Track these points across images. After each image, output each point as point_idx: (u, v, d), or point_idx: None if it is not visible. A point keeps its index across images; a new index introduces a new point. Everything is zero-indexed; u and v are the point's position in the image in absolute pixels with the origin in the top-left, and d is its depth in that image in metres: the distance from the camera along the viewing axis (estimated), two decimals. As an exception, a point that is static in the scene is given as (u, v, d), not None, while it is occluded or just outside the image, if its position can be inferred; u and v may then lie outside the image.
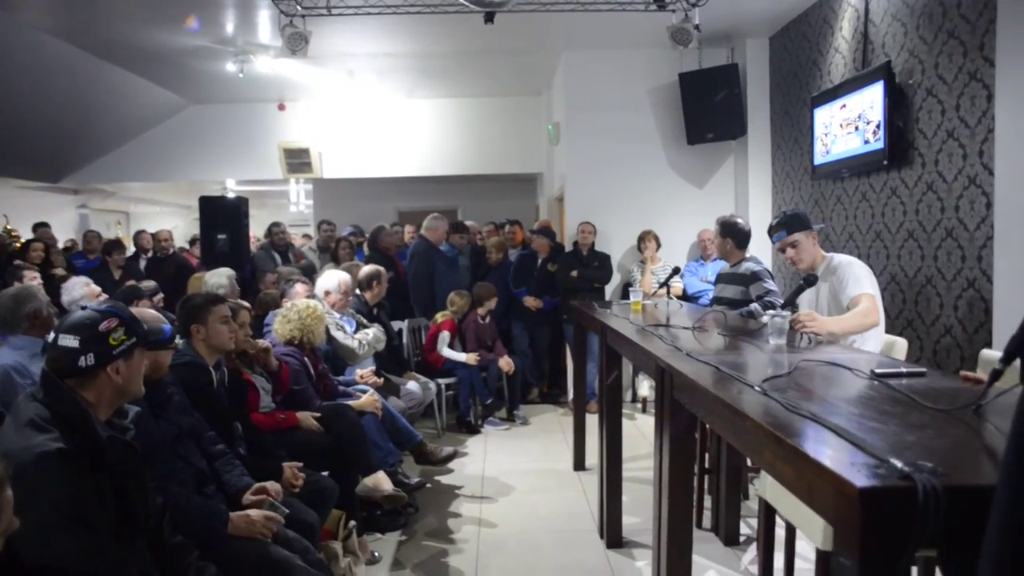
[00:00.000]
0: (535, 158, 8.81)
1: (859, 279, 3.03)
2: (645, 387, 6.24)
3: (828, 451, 1.23)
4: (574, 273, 6.26)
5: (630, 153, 6.71)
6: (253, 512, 2.24)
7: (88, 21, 5.69)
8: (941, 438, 1.33)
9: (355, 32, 6.04)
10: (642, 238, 6.39)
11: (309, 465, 2.94)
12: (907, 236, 4.33)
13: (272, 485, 2.46)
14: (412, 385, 5.08)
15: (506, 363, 5.92)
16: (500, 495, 4.31)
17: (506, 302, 6.57)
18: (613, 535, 3.53)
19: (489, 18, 5.06)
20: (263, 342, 3.47)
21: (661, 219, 6.61)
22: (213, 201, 7.12)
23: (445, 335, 5.82)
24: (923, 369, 1.99)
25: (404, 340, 6.04)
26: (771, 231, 3.40)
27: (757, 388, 1.74)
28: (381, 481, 3.42)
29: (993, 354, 2.34)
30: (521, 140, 8.78)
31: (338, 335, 4.43)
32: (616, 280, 6.66)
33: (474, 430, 5.74)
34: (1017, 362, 1.52)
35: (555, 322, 6.61)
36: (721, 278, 4.27)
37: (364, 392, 4.05)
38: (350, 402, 3.77)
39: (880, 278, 4.60)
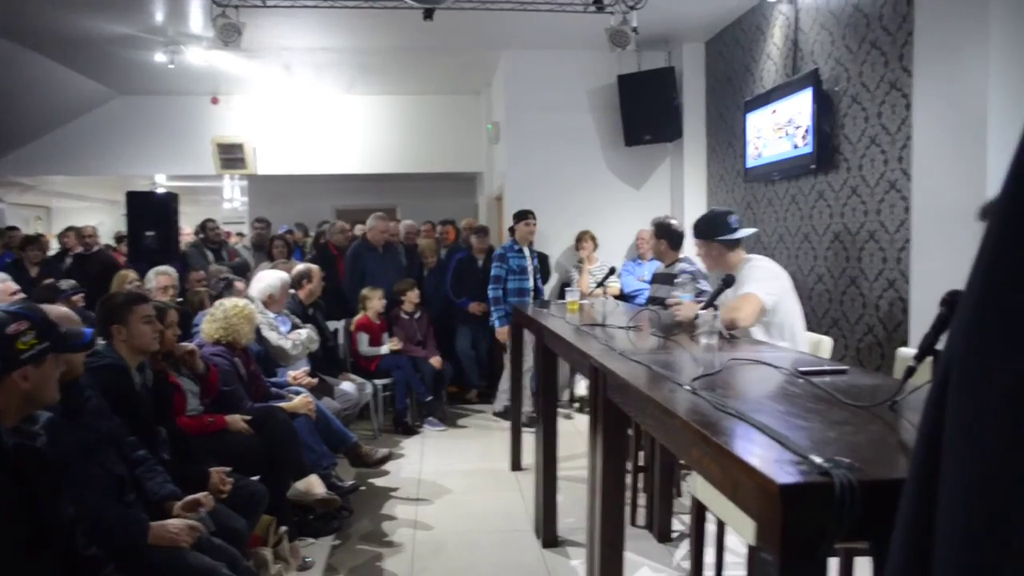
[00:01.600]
0: (475, 157, 8.79)
1: (750, 280, 3.03)
2: (582, 387, 6.29)
3: (753, 449, 1.25)
4: (512, 273, 6.26)
5: (569, 153, 6.76)
6: (174, 521, 2.15)
7: (4, 4, 5.41)
8: (860, 434, 1.37)
9: (292, 25, 5.91)
10: (580, 238, 6.44)
11: (239, 469, 2.85)
12: (833, 238, 4.49)
13: (206, 499, 2.37)
14: (347, 386, 5.00)
15: (435, 360, 5.90)
16: (437, 496, 4.28)
17: (444, 303, 6.54)
18: (549, 535, 3.54)
19: (428, 15, 5.03)
20: (188, 344, 3.35)
21: (599, 219, 6.68)
22: (141, 196, 6.87)
23: (363, 336, 5.76)
24: (845, 367, 2.05)
25: (340, 340, 5.95)
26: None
27: (687, 387, 1.76)
28: (313, 485, 3.35)
29: (908, 351, 2.44)
30: (461, 139, 8.75)
31: (271, 335, 4.32)
32: (554, 280, 6.70)
33: (411, 431, 5.69)
34: (929, 359, 1.58)
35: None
36: (656, 278, 4.34)
37: (298, 394, 3.97)
38: (282, 404, 3.68)
39: (808, 278, 4.76)
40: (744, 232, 3.32)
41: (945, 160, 3.33)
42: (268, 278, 4.52)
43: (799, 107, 4.67)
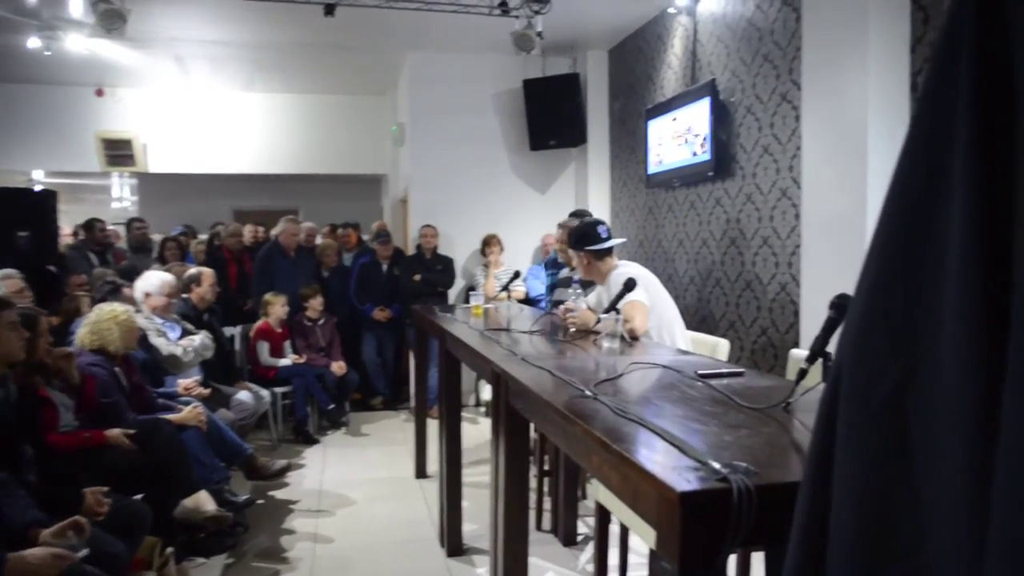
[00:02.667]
0: (380, 159, 8.63)
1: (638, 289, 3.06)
2: (488, 391, 6.26)
3: (652, 455, 1.24)
4: (417, 277, 6.18)
5: (474, 157, 6.73)
6: (36, 551, 1.96)
7: None
8: (756, 437, 1.39)
9: (184, 16, 5.61)
10: (486, 242, 6.42)
11: (119, 488, 2.64)
12: (729, 243, 4.64)
13: (80, 523, 2.17)
14: (243, 395, 4.77)
15: (338, 366, 5.74)
16: (338, 507, 4.14)
17: (348, 308, 6.38)
18: (453, 543, 3.48)
19: (329, 11, 4.89)
20: (65, 348, 3.10)
21: (504, 223, 6.68)
22: (13, 193, 6.34)
23: (263, 345, 5.54)
24: (742, 369, 2.10)
25: (237, 347, 5.69)
26: None
27: (588, 392, 1.75)
28: (203, 501, 3.16)
29: (801, 353, 2.52)
30: (365, 140, 8.57)
31: (159, 342, 4.07)
32: (460, 284, 6.65)
33: (312, 440, 5.49)
34: (820, 361, 1.62)
35: (400, 327, 6.50)
36: (556, 283, 4.37)
37: (188, 404, 3.74)
38: (170, 416, 3.46)
39: (706, 282, 4.90)
40: (613, 242, 3.37)
41: (830, 169, 3.49)
42: (147, 280, 4.26)
43: (698, 116, 4.81)
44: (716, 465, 1.13)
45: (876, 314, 0.78)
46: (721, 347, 3.01)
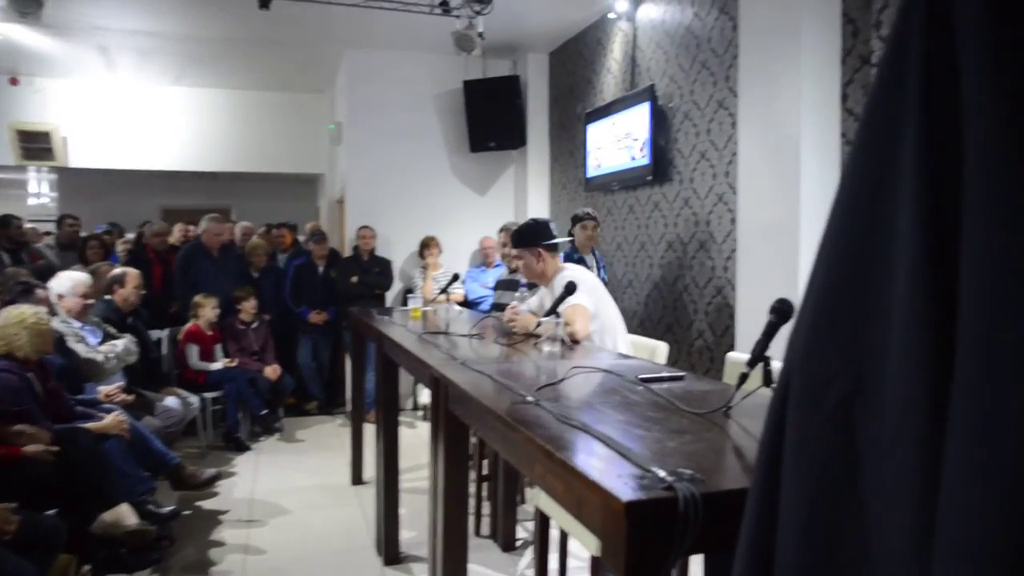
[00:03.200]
0: (316, 158, 8.44)
1: (575, 293, 2.99)
2: (426, 394, 6.18)
3: (596, 464, 1.21)
4: (354, 279, 6.07)
5: (413, 157, 6.65)
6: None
7: None
8: (699, 442, 1.38)
9: (108, 4, 5.36)
10: (424, 244, 6.34)
11: (29, 504, 2.48)
12: (667, 247, 4.70)
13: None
14: (171, 401, 4.57)
15: (272, 371, 5.58)
16: (271, 517, 4.00)
17: (282, 311, 6.21)
18: (391, 551, 3.40)
19: (264, 4, 4.74)
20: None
21: (443, 225, 6.61)
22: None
23: (193, 348, 5.34)
24: (683, 373, 2.10)
25: (164, 351, 5.46)
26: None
27: (530, 398, 1.72)
28: (123, 515, 2.99)
29: (737, 356, 2.56)
30: (302, 139, 8.37)
31: (78, 347, 3.85)
32: (397, 286, 6.55)
33: (243, 447, 5.31)
34: (760, 365, 1.63)
35: (337, 330, 6.37)
36: (500, 285, 4.33)
37: (109, 412, 3.55)
38: (89, 424, 3.27)
39: (643, 285, 4.95)
40: (563, 239, 3.38)
41: (765, 176, 3.56)
42: (59, 280, 4.04)
43: (637, 121, 4.85)
44: (661, 473, 1.11)
45: (825, 322, 0.77)
46: (660, 350, 3.03)
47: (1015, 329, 0.54)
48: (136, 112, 7.82)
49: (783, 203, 3.39)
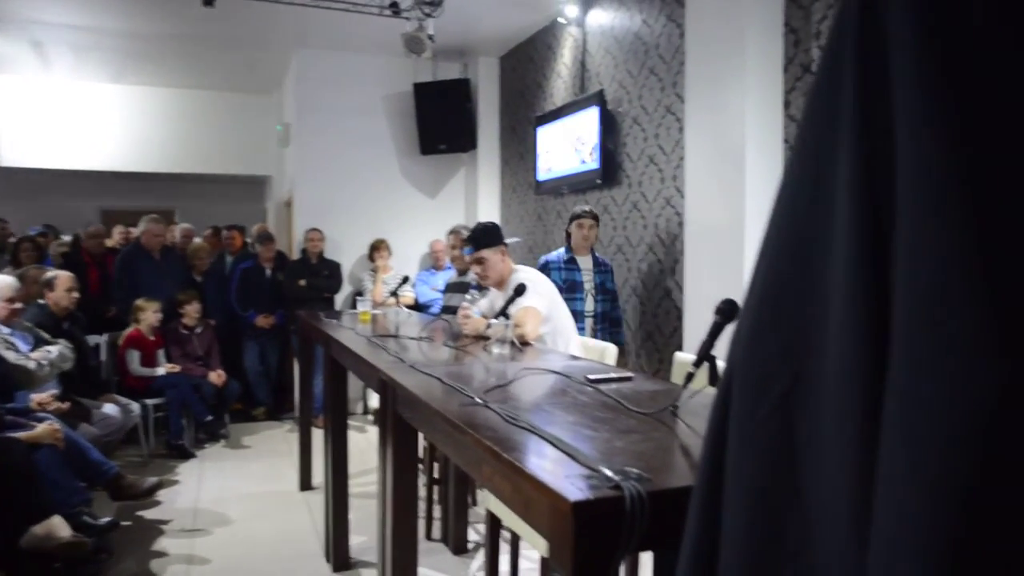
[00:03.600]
0: (264, 160, 8.29)
1: (526, 295, 2.99)
2: (376, 399, 6.11)
3: (544, 464, 1.21)
4: (302, 282, 5.97)
5: (363, 160, 6.58)
6: None
7: None
8: (647, 442, 1.39)
9: (41, -2, 5.18)
10: (374, 247, 6.28)
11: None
12: (616, 249, 4.74)
13: None
14: (109, 408, 4.43)
15: (217, 376, 5.45)
16: (216, 526, 3.90)
17: (227, 315, 6.07)
18: (340, 557, 3.35)
19: (208, 2, 4.64)
20: None
21: (393, 228, 6.57)
22: None
23: (134, 354, 5.18)
24: (631, 374, 2.12)
25: (103, 357, 5.28)
26: (464, 243, 3.38)
27: (479, 400, 1.71)
28: (55, 527, 2.87)
29: (684, 357, 2.59)
30: (249, 140, 8.21)
31: (7, 354, 3.69)
32: (347, 290, 6.47)
33: (187, 455, 5.17)
34: (706, 365, 1.66)
35: (284, 334, 6.25)
36: (450, 287, 4.31)
37: (43, 421, 3.42)
38: (19, 434, 3.14)
39: (594, 288, 4.98)
40: (512, 240, 3.38)
41: (712, 180, 3.63)
42: None
43: (586, 125, 4.89)
44: (608, 472, 1.11)
45: (766, 319, 0.78)
46: (609, 351, 3.05)
47: (945, 321, 0.55)
48: (73, 110, 7.57)
49: (729, 207, 3.46)
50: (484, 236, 3.25)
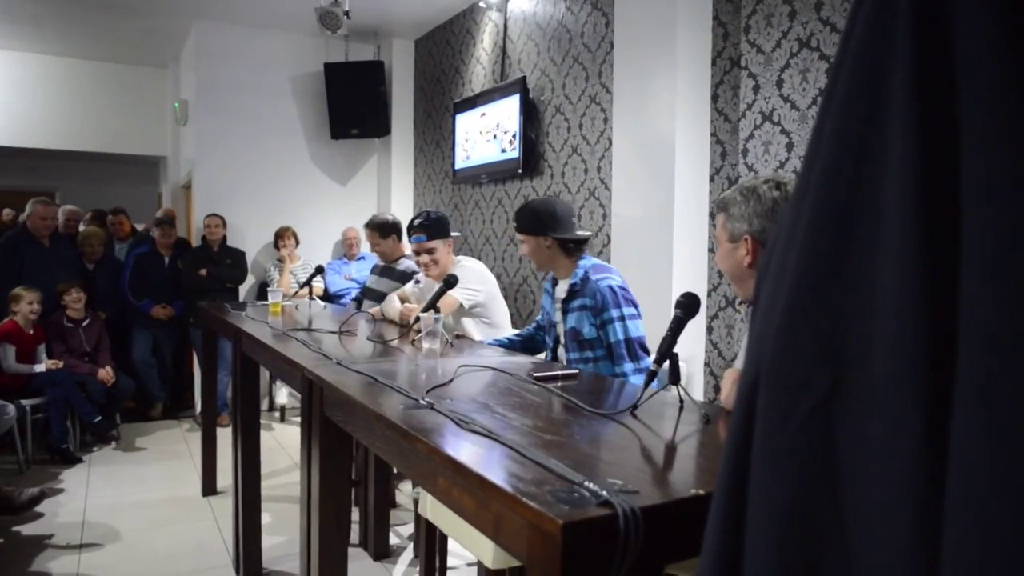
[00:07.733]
0: (158, 139, 7.73)
1: (460, 282, 2.97)
2: (284, 394, 5.83)
3: (515, 478, 1.09)
4: (203, 271, 5.59)
5: (269, 142, 6.22)
6: None
7: None
8: (618, 449, 1.30)
9: None
10: (280, 235, 5.95)
11: None
12: (538, 241, 4.66)
13: None
14: (-20, 410, 3.98)
15: (105, 373, 5.02)
16: (108, 539, 3.56)
17: (120, 306, 5.61)
18: (251, 567, 3.11)
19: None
20: None
21: (301, 215, 6.26)
22: None
23: (8, 349, 4.68)
24: (576, 370, 2.03)
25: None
26: (410, 231, 3.29)
27: (423, 402, 1.57)
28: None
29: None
30: (141, 117, 7.62)
31: None
32: (251, 280, 6.12)
33: (73, 460, 4.73)
34: (668, 363, 1.58)
35: (182, 326, 5.84)
36: (376, 270, 4.14)
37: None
38: None
39: (514, 279, 4.90)
40: (455, 233, 3.35)
41: (640, 173, 3.59)
42: None
43: (507, 113, 4.78)
44: (592, 486, 1.01)
45: (799, 315, 0.69)
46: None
47: None
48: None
49: (657, 199, 3.43)
50: (437, 226, 3.17)
